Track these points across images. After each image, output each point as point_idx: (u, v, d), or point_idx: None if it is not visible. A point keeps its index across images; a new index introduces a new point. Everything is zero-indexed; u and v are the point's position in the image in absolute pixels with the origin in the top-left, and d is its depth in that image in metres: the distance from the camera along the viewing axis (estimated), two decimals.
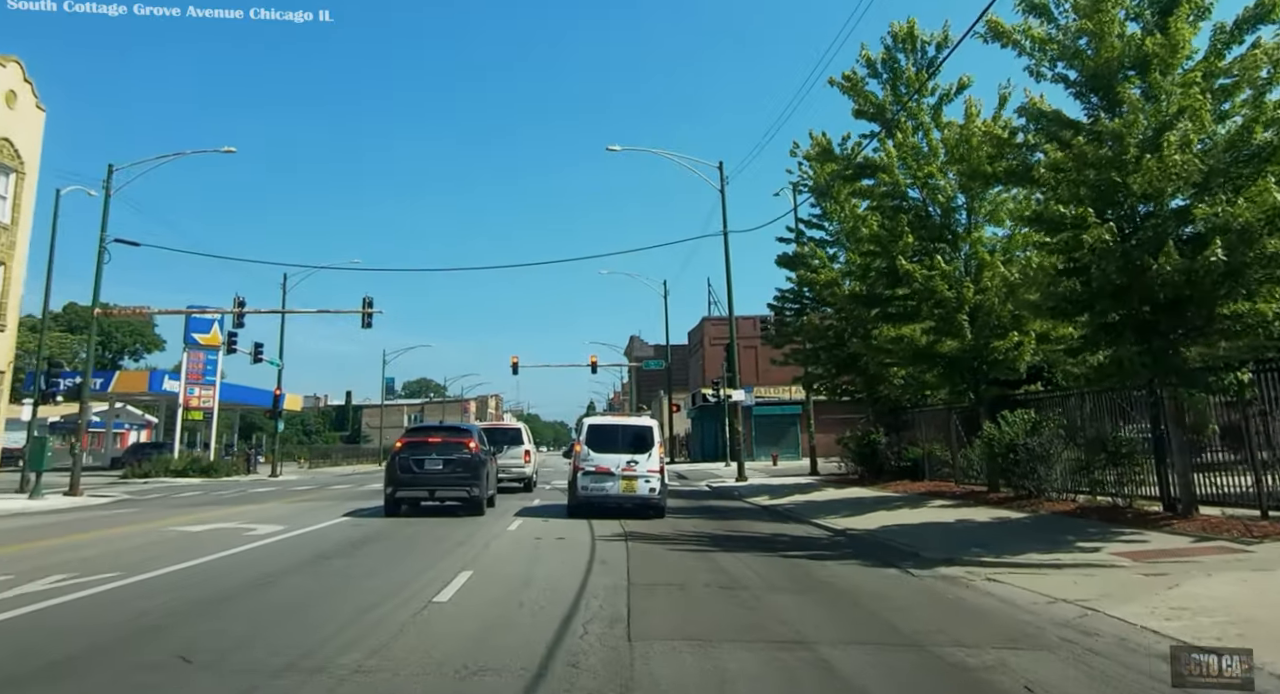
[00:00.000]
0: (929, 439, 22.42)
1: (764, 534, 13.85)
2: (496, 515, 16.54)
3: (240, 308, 29.74)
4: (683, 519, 16.61)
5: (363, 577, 8.70)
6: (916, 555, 10.49)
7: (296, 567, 9.47)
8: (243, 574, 8.97)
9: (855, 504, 18.58)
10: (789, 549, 11.75)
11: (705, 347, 53.87)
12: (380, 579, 8.48)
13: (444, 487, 15.81)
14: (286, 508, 19.13)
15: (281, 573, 9.04)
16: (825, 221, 25.78)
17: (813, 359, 25.00)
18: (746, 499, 22.35)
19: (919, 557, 10.38)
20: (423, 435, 16.62)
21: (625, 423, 18.16)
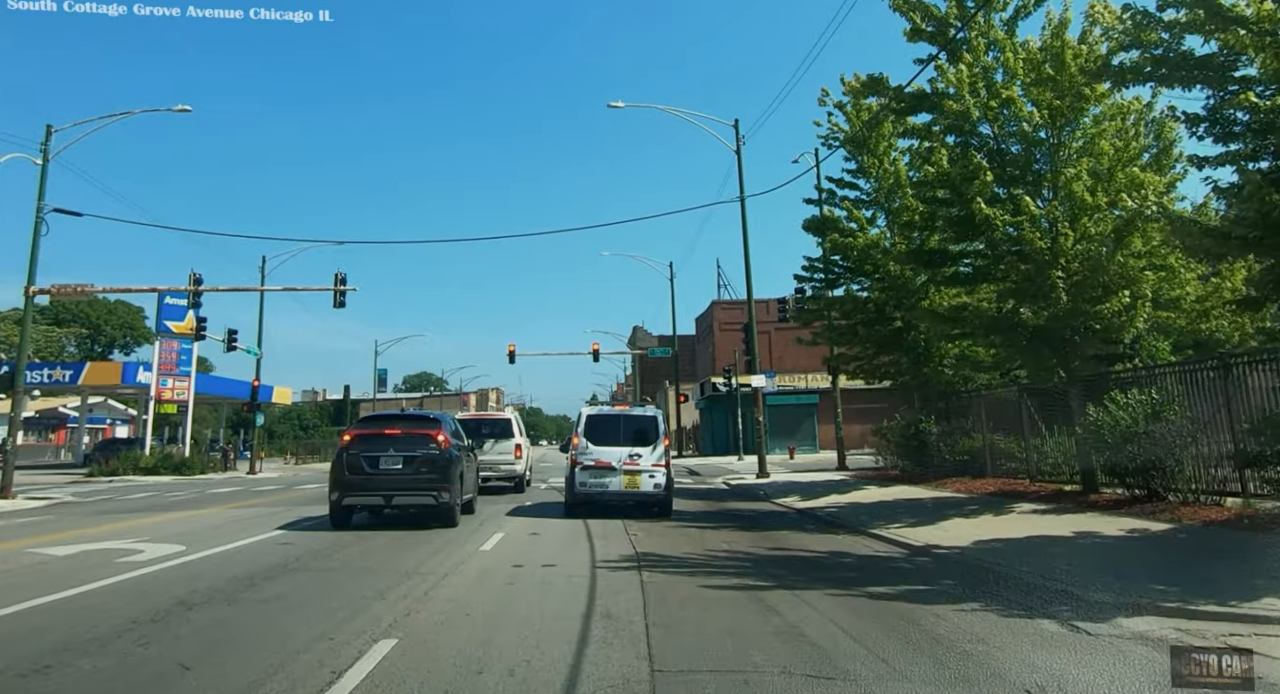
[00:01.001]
0: (991, 428, 18.98)
1: (819, 553, 10.48)
2: (473, 526, 13.19)
3: (197, 285, 26.35)
4: (707, 529, 13.25)
5: (201, 654, 5.30)
6: (1069, 595, 7.09)
7: (111, 634, 5.89)
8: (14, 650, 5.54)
9: (915, 508, 15.21)
10: (866, 580, 8.37)
11: (715, 332, 50.44)
12: (222, 667, 5.05)
13: (404, 491, 12.46)
14: (221, 516, 15.77)
15: (79, 644, 5.60)
16: (861, 178, 22.30)
17: (848, 337, 21.54)
18: (775, 500, 18.98)
19: (1074, 597, 6.98)
20: (377, 427, 13.25)
21: (627, 413, 16.28)
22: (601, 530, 12.81)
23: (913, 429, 20.84)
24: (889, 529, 12.46)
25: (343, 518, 12.77)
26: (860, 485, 21.01)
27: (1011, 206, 13.68)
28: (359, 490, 12.43)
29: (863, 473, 25.07)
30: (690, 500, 19.61)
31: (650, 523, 14.15)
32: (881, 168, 21.49)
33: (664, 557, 9.87)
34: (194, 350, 47.34)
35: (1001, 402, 18.92)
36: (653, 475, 14.64)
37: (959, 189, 13.97)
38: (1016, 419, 18.10)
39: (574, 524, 13.79)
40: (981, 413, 19.33)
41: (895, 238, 19.41)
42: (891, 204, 21.73)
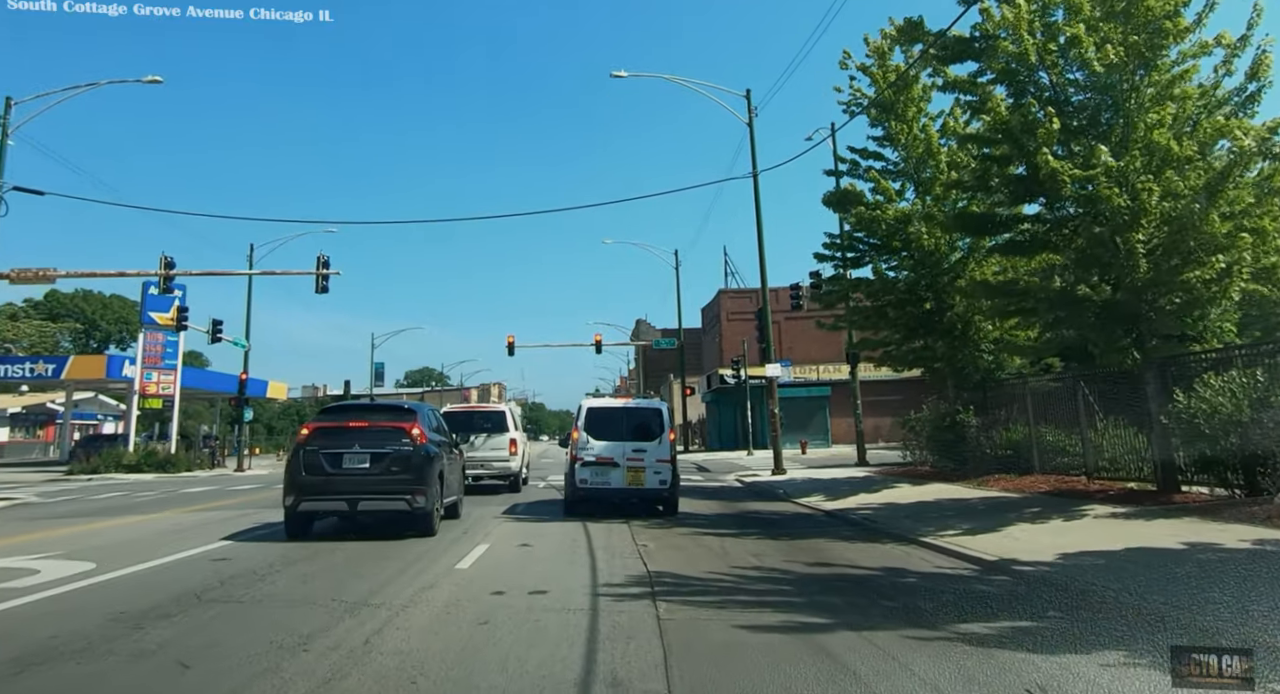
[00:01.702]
0: (1038, 420, 17.02)
1: (870, 571, 8.55)
2: (454, 534, 11.29)
3: (169, 269, 24.43)
4: (728, 536, 11.32)
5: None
6: (1272, 649, 5.13)
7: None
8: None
9: (964, 510, 13.30)
10: (946, 612, 6.43)
11: (723, 322, 48.45)
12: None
13: (371, 495, 10.54)
14: (173, 522, 13.87)
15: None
16: (887, 147, 20.31)
17: (874, 320, 19.55)
18: (797, 500, 17.07)
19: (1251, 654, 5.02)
20: (340, 419, 11.32)
21: (630, 405, 15.49)
22: (605, 539, 10.91)
23: (947, 421, 18.88)
24: (944, 537, 10.54)
25: (300, 526, 10.87)
26: (889, 483, 19.09)
27: (1081, 160, 11.69)
28: (317, 494, 10.52)
29: (888, 469, 23.14)
30: (703, 501, 17.70)
31: (660, 529, 12.26)
32: (910, 134, 19.50)
33: (683, 578, 7.95)
34: (180, 343, 45.46)
35: (1050, 390, 16.96)
36: (658, 471, 13.82)
37: (1019, 141, 11.97)
38: (1068, 409, 16.16)
39: (573, 530, 11.90)
40: (1026, 402, 17.35)
41: (930, 207, 17.39)
42: (921, 174, 19.76)
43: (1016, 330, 18.51)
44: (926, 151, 19.48)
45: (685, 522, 13.40)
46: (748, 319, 47.32)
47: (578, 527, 12.37)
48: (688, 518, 14.04)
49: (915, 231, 17.80)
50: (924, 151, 19.51)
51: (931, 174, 19.00)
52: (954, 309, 18.21)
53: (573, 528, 12.22)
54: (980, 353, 18.47)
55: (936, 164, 18.95)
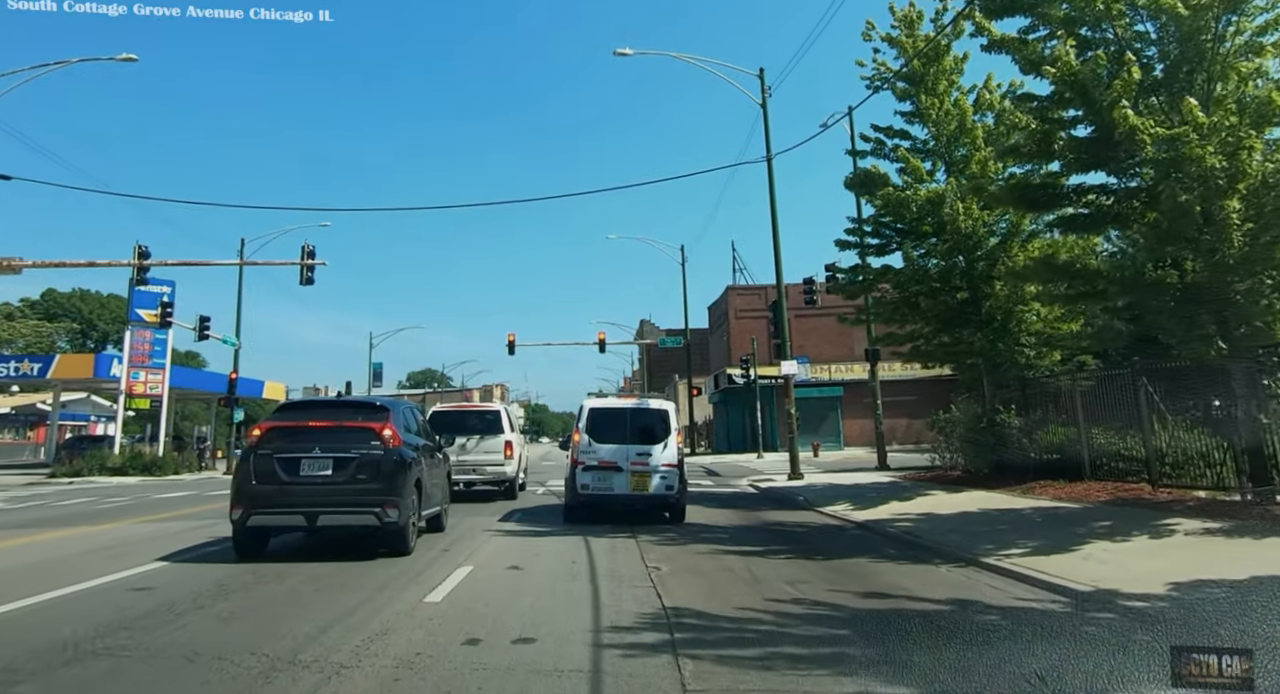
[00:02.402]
0: (1089, 420, 15.34)
1: (937, 605, 6.91)
2: (433, 553, 9.65)
3: (142, 259, 22.83)
4: (753, 555, 9.67)
5: None
6: None
7: None
8: None
9: (1019, 523, 11.67)
10: (1076, 679, 4.77)
11: (731, 320, 46.78)
12: None
13: (333, 507, 8.92)
14: (117, 535, 12.26)
15: None
16: (916, 124, 18.67)
17: (905, 311, 17.87)
18: (820, 509, 15.43)
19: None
20: (299, 417, 9.68)
21: (634, 406, 14.42)
22: (610, 558, 9.29)
23: (984, 421, 17.21)
24: (1010, 558, 8.90)
25: (250, 545, 9.24)
26: (920, 489, 17.43)
27: (1163, 117, 10.04)
28: (270, 506, 8.89)
29: (914, 474, 21.46)
30: (717, 509, 16.08)
31: (673, 544, 10.64)
32: (942, 109, 17.86)
33: (709, 619, 6.30)
34: (168, 341, 43.88)
35: (1102, 387, 15.28)
36: (664, 476, 13.12)
37: (1089, 95, 10.30)
38: (1125, 407, 14.50)
39: (573, 546, 10.28)
40: (1075, 400, 15.67)
41: (972, 182, 15.70)
42: (953, 152, 18.11)
43: (1060, 322, 16.89)
44: (959, 128, 17.84)
45: (700, 535, 11.77)
46: (757, 317, 45.70)
47: (578, 542, 10.75)
48: (703, 531, 12.42)
49: (950, 213, 16.13)
50: (956, 128, 17.88)
51: (967, 152, 17.35)
52: (993, 298, 16.54)
53: (572, 544, 10.60)
54: (1021, 347, 16.79)
55: (971, 140, 17.31)
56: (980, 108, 17.98)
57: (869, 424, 45.70)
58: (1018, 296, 16.09)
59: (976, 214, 16.21)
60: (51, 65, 22.24)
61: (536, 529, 12.53)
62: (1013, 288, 15.98)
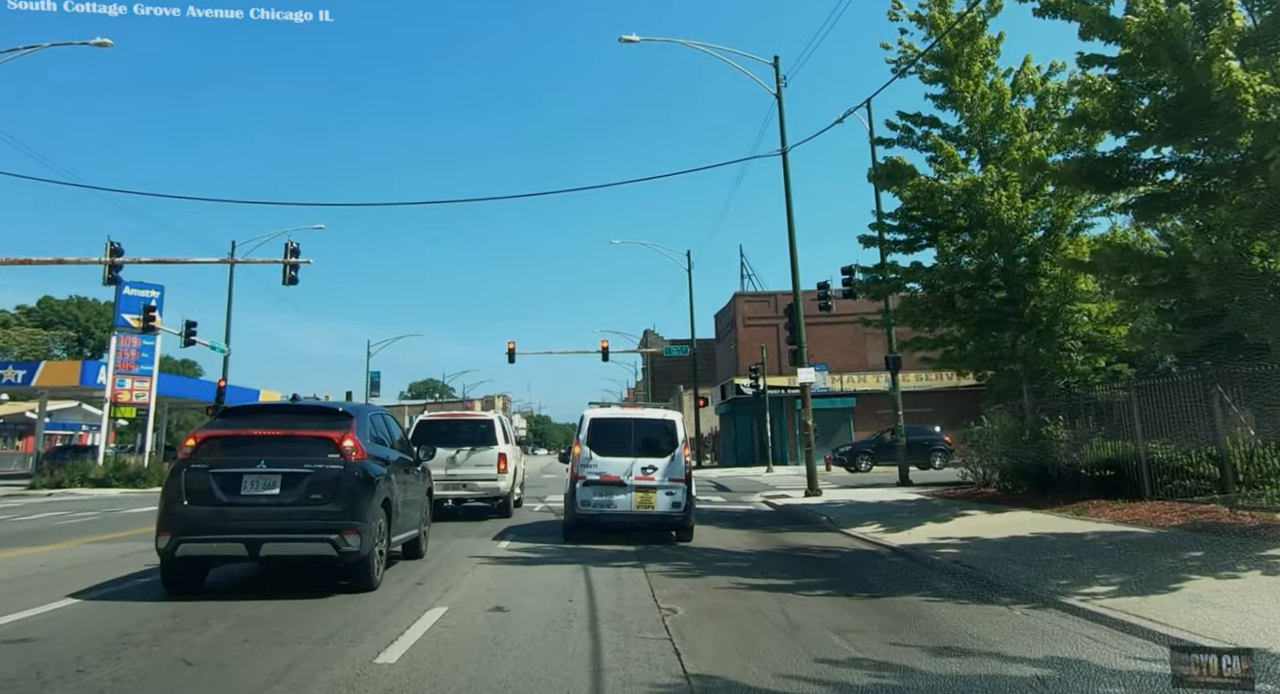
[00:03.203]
0: (1146, 433, 13.74)
1: (1034, 667, 5.34)
2: (404, 587, 8.10)
3: (114, 256, 21.36)
4: (784, 591, 8.10)
5: None
6: None
7: None
8: None
9: (1086, 552, 10.13)
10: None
11: (739, 328, 45.22)
12: None
13: (280, 534, 7.37)
14: (40, 561, 10.67)
15: None
16: (948, 109, 17.18)
17: (939, 312, 16.30)
18: (847, 530, 13.87)
19: None
20: (241, 424, 8.13)
21: (639, 416, 13.75)
22: (614, 596, 7.73)
23: (1027, 434, 15.63)
24: (1096, 599, 7.34)
25: (182, 578, 7.71)
26: (954, 508, 15.85)
27: (1268, 74, 8.52)
28: (203, 532, 7.34)
29: (942, 491, 19.88)
30: (731, 530, 14.53)
31: (688, 576, 9.09)
32: (977, 91, 16.37)
33: (745, 691, 4.74)
34: (156, 347, 42.45)
35: (1164, 396, 13.70)
36: (670, 492, 12.18)
37: (1178, 49, 8.78)
38: (1191, 419, 12.94)
39: (570, 580, 8.72)
40: (1131, 411, 14.06)
41: (1020, 163, 14.22)
42: (989, 139, 16.63)
43: (1109, 325, 15.34)
44: (996, 112, 16.38)
45: (717, 564, 10.22)
46: (766, 324, 44.16)
47: (577, 572, 9.20)
48: (719, 558, 10.87)
49: (992, 202, 14.62)
50: (993, 112, 16.41)
51: (1006, 137, 15.85)
52: (1037, 297, 14.99)
53: (570, 574, 9.05)
54: (1067, 351, 15.24)
55: (1011, 125, 15.84)
56: (1019, 91, 16.51)
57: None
58: (1066, 294, 14.54)
59: (1020, 204, 14.70)
60: (21, 50, 20.90)
61: (530, 554, 10.98)
62: (1060, 286, 14.45)
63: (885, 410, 43.28)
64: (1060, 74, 16.12)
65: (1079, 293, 14.49)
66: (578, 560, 10.20)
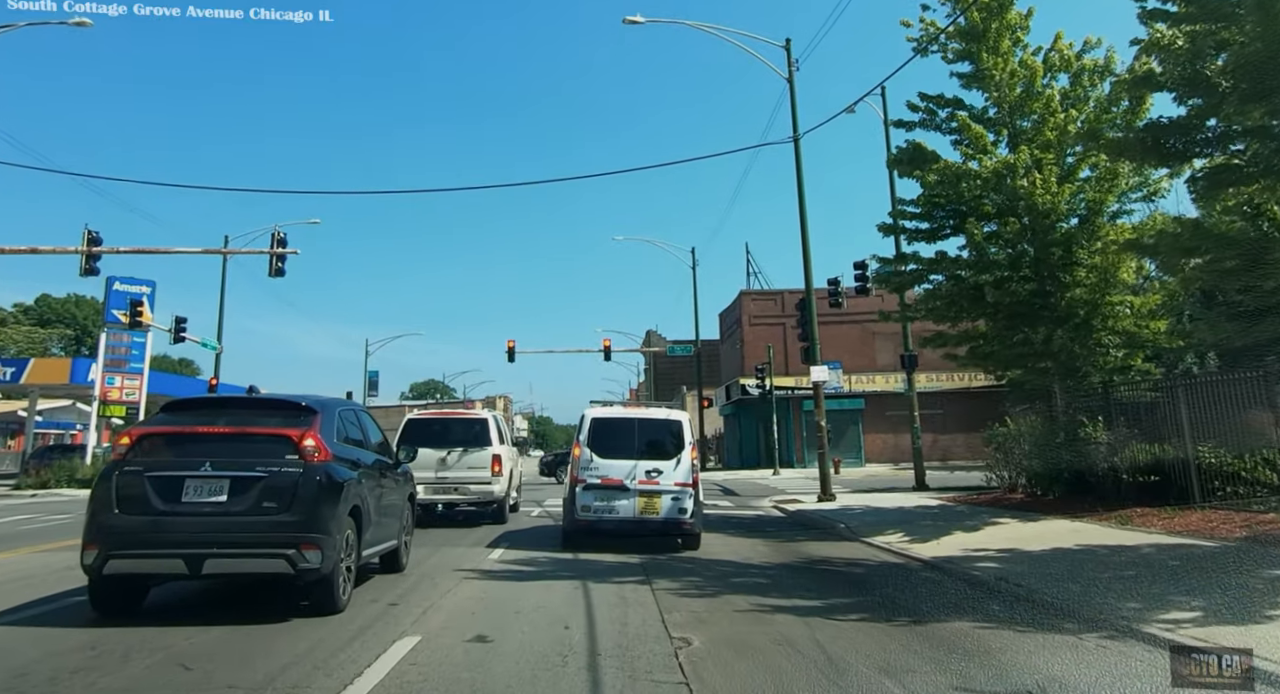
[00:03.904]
0: (1198, 436, 12.65)
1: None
2: (371, 613, 7.02)
3: (92, 245, 20.31)
4: (817, 617, 7.00)
5: None
6: None
7: None
8: None
9: (1144, 566, 9.08)
10: None
11: (744, 327, 44.12)
12: None
13: (227, 548, 6.28)
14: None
15: None
16: (974, 89, 16.11)
17: (967, 306, 15.20)
18: (869, 540, 12.77)
19: None
20: (185, 421, 6.99)
21: (643, 416, 12.87)
22: (617, 620, 6.65)
23: (1061, 436, 14.53)
24: (1184, 628, 6.24)
25: (113, 599, 6.62)
26: (981, 515, 14.76)
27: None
28: (137, 546, 6.26)
29: (962, 496, 18.79)
30: (742, 537, 13.47)
31: (702, 596, 8.00)
32: (1006, 69, 15.29)
33: None
34: (147, 344, 41.45)
35: (1215, 395, 12.61)
36: (677, 497, 11.34)
37: None
38: (1246, 421, 11.87)
39: (568, 595, 7.67)
40: (1179, 411, 12.97)
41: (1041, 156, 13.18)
42: (1018, 121, 15.56)
43: (1147, 319, 14.25)
44: (1026, 92, 15.31)
45: (733, 580, 9.15)
46: (773, 323, 43.05)
47: (575, 589, 8.12)
48: (734, 572, 9.80)
49: (1026, 186, 13.53)
50: (1023, 92, 15.34)
51: (1039, 117, 14.77)
52: (1074, 288, 13.90)
53: (568, 592, 7.97)
54: (1104, 347, 14.15)
55: (1045, 104, 14.76)
56: (1051, 69, 15.43)
57: (892, 439, 43.14)
58: (1107, 285, 13.45)
59: (1055, 188, 13.61)
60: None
61: (524, 567, 9.90)
62: (1100, 275, 13.37)
63: (895, 412, 42.25)
64: (1096, 50, 15.08)
65: (1120, 283, 13.40)
66: (576, 574, 9.13)
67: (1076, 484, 14.60)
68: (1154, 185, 14.26)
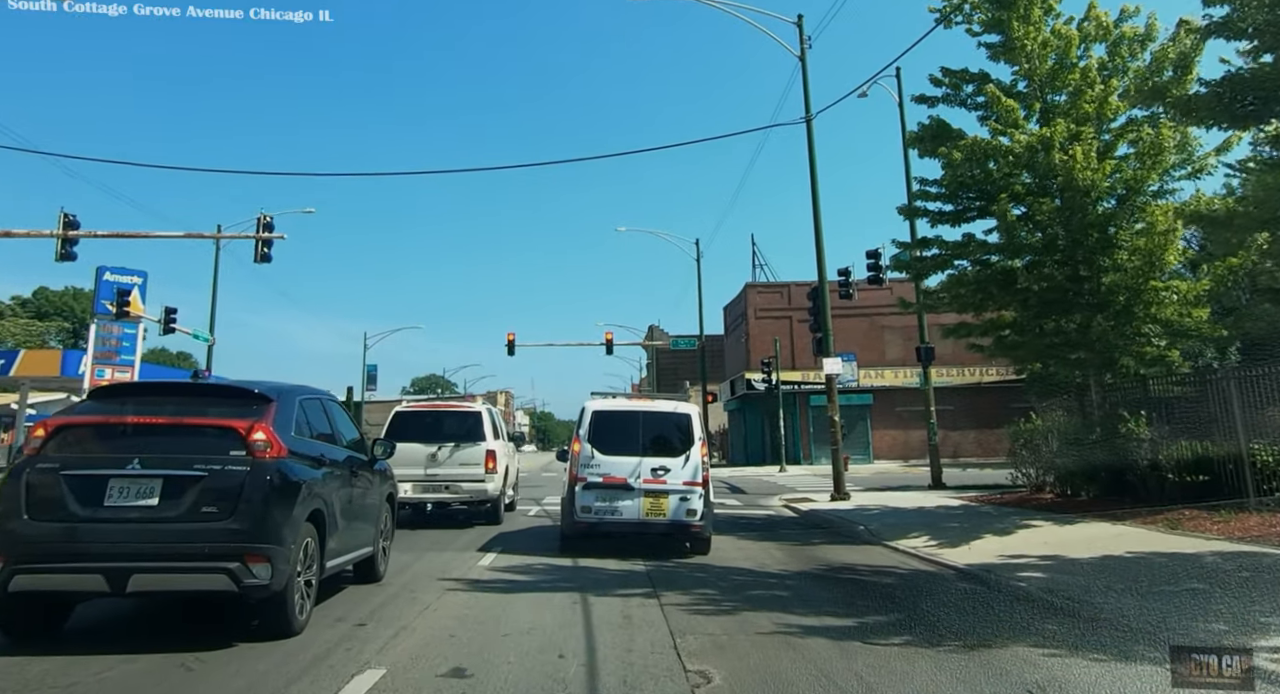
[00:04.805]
0: (1252, 433, 11.62)
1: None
2: (340, 630, 6.03)
3: (68, 229, 19.31)
4: (851, 641, 6.01)
5: None
6: None
7: None
8: None
9: (1214, 578, 8.14)
10: None
11: (750, 321, 43.08)
12: None
13: (156, 562, 5.29)
14: None
15: None
16: (1001, 61, 15.08)
17: (997, 292, 14.16)
18: (890, 544, 11.79)
19: None
20: (113, 410, 5.99)
21: (649, 409, 11.63)
22: (621, 647, 5.66)
23: (1097, 432, 13.50)
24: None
25: (24, 620, 5.64)
26: (1010, 517, 13.75)
27: None
28: (48, 559, 5.27)
29: (984, 495, 17.79)
30: (755, 540, 12.51)
31: (717, 611, 7.02)
32: (1038, 39, 14.25)
33: None
34: (138, 336, 40.51)
35: (1269, 386, 11.57)
36: (685, 498, 10.49)
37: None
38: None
39: (564, 614, 6.66)
40: (1231, 405, 11.94)
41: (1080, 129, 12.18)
42: (1050, 95, 14.53)
43: (1192, 306, 13.22)
44: (1060, 64, 14.28)
45: (750, 592, 8.14)
46: (779, 317, 42.02)
47: (573, 605, 7.12)
48: (751, 581, 8.82)
49: (1063, 162, 12.49)
50: (1056, 64, 14.31)
51: (1075, 89, 13.73)
52: (1114, 273, 12.86)
53: (564, 609, 6.97)
54: (1145, 336, 13.12)
55: (1082, 76, 13.73)
56: (1086, 39, 14.38)
57: (902, 435, 42.07)
58: (1153, 268, 12.42)
59: (1096, 164, 12.57)
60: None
61: (516, 576, 8.91)
62: (1145, 258, 12.33)
63: (905, 408, 41.20)
64: (1136, 18, 14.03)
65: (1166, 266, 12.38)
66: (575, 586, 8.14)
67: (1113, 484, 13.59)
68: (1199, 162, 13.24)
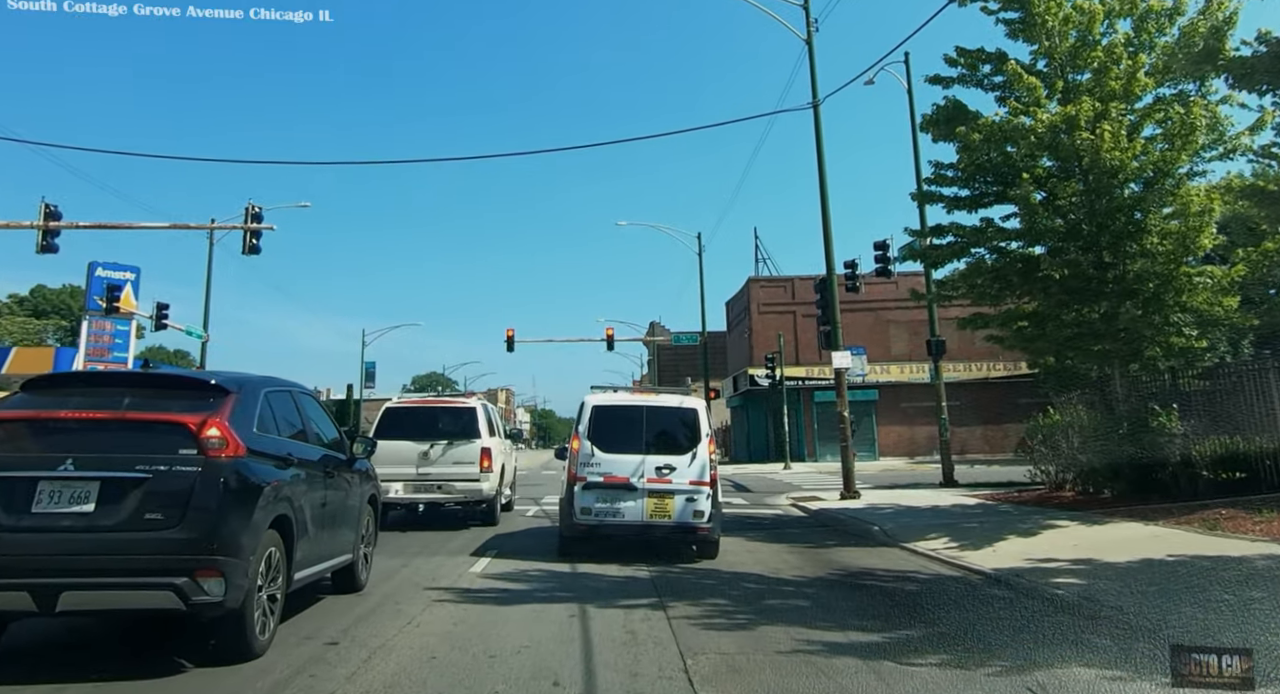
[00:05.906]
0: None
1: None
2: (307, 651, 5.37)
3: (49, 219, 18.64)
4: (884, 661, 5.33)
5: None
6: None
7: None
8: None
9: (1274, 585, 7.32)
10: None
11: (753, 316, 42.38)
12: None
13: (91, 576, 4.61)
14: None
15: None
16: (1020, 39, 14.35)
17: (1018, 281, 13.47)
18: (908, 546, 11.14)
19: None
20: (46, 404, 5.35)
21: (652, 404, 11.12)
22: (626, 667, 5.05)
23: (1124, 427, 12.81)
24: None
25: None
26: (1031, 516, 13.09)
27: None
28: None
29: (999, 493, 17.13)
30: (764, 542, 11.87)
31: (731, 626, 6.36)
32: (1060, 15, 13.54)
33: None
34: (131, 332, 40.14)
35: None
36: (692, 498, 9.93)
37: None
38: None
39: (560, 631, 6.01)
40: (1271, 397, 11.26)
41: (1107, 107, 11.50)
42: (1071, 75, 13.83)
43: (1224, 294, 12.54)
44: (1082, 41, 13.58)
45: (766, 603, 7.48)
46: (783, 311, 41.33)
47: (570, 621, 6.45)
48: (765, 589, 8.15)
49: (1090, 141, 11.80)
50: (1078, 42, 13.62)
51: (1099, 66, 13.03)
52: (1143, 259, 12.17)
53: (560, 625, 6.30)
54: (1174, 327, 12.43)
55: (1107, 52, 13.03)
56: (1111, 15, 13.68)
57: (908, 432, 41.40)
58: (1186, 252, 11.73)
59: (1125, 143, 11.88)
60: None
61: (510, 583, 8.25)
62: (1178, 242, 11.65)
63: (911, 404, 40.57)
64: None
65: (1200, 250, 11.70)
66: (573, 595, 7.49)
67: (1139, 481, 12.90)
68: (1232, 142, 12.55)
